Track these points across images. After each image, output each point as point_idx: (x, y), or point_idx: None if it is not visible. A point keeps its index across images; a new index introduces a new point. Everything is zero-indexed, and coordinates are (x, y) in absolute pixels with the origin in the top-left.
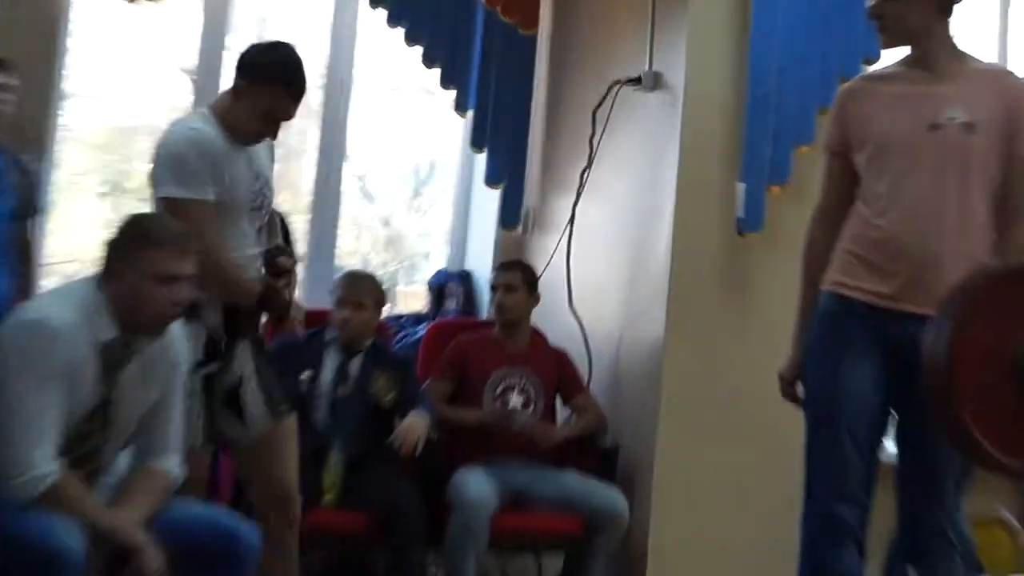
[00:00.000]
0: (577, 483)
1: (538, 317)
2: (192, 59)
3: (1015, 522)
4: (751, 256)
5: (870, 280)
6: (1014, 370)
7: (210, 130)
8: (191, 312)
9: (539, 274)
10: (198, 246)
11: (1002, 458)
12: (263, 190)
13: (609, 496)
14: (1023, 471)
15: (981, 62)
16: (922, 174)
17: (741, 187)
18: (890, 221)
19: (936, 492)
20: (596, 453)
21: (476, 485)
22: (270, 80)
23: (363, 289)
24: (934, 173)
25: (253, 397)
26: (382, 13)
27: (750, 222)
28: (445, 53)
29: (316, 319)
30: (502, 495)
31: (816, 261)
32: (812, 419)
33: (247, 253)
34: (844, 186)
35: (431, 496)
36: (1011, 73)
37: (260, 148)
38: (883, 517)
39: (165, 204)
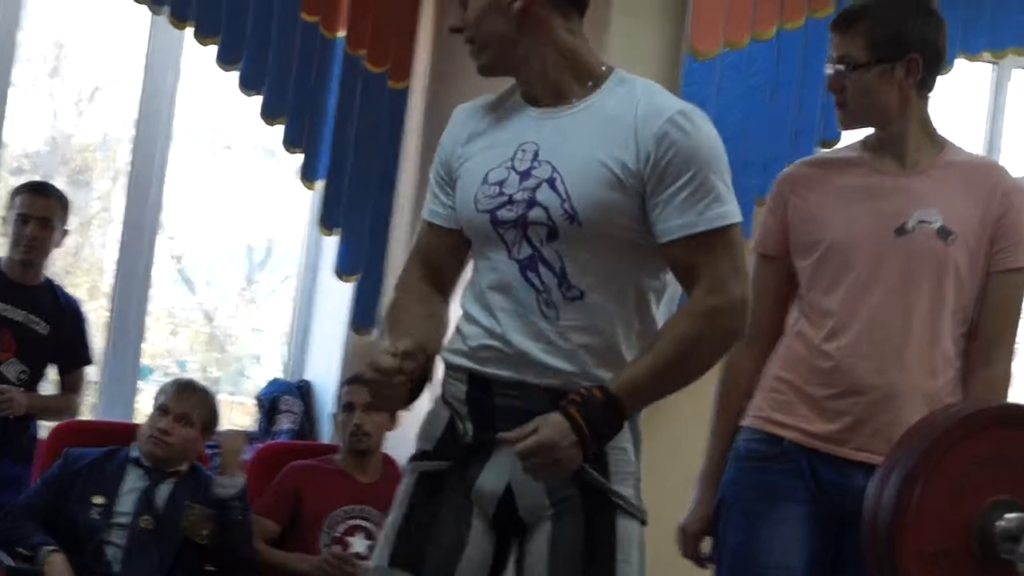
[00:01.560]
0: None
1: (391, 443)
2: None
3: None
4: None
5: (809, 417)
6: (973, 538)
7: None
8: None
9: None
10: None
11: None
12: None
13: None
14: None
15: (964, 152)
16: (885, 290)
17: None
18: (841, 347)
19: None
20: None
21: None
22: None
23: (195, 402)
24: (900, 289)
25: None
26: (212, 50)
27: None
28: (292, 106)
29: (114, 433)
30: None
31: (737, 389)
32: None
33: None
34: (779, 298)
35: None
36: (1000, 168)
37: None
38: None
39: None
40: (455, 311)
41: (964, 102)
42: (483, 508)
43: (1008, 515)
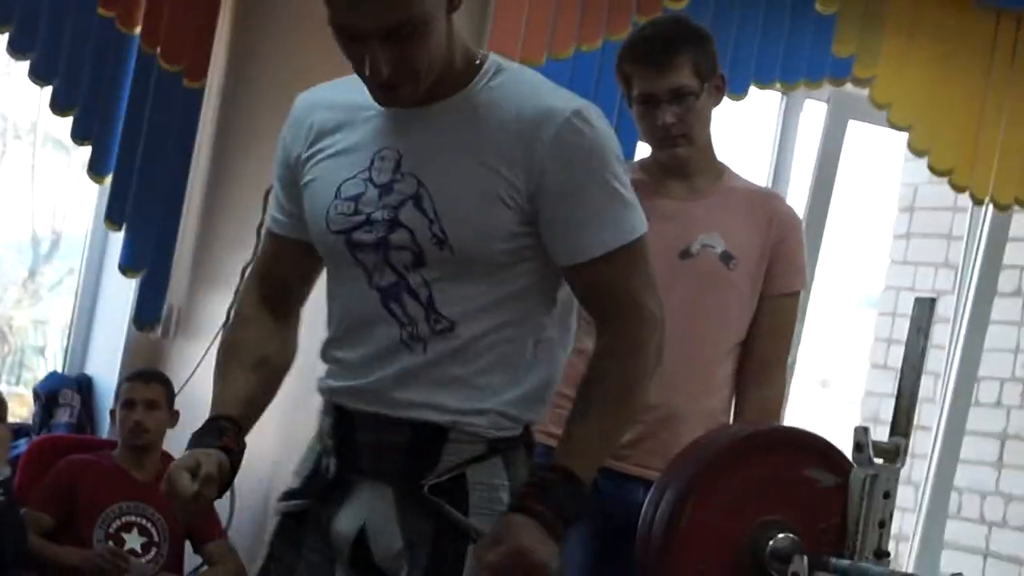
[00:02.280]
0: None
1: (171, 442)
2: None
3: None
4: None
5: None
6: (744, 556)
7: None
8: None
9: (178, 389)
10: None
11: None
12: None
13: None
14: None
15: (742, 179)
16: (670, 312)
17: None
18: None
19: None
20: None
21: None
22: None
23: None
24: (685, 311)
25: None
26: (3, 39)
27: None
28: (83, 99)
29: None
30: None
31: None
32: None
33: None
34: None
35: None
36: (777, 196)
37: None
38: None
39: None
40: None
41: (753, 131)
42: (340, 551)
43: (779, 535)
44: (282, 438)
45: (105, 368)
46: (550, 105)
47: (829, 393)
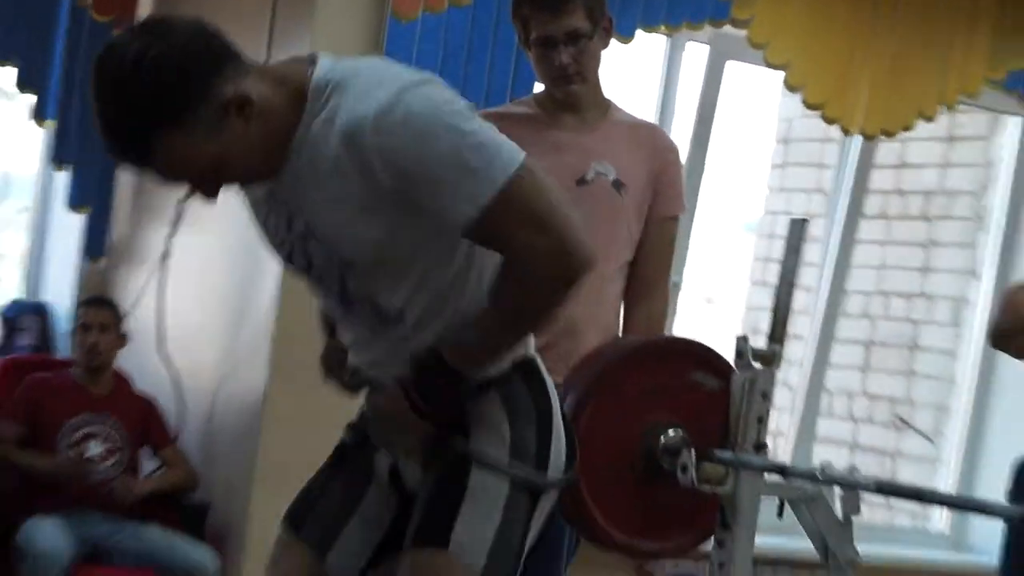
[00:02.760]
0: (160, 538)
1: (125, 360)
2: None
3: None
4: None
5: None
6: (638, 451)
7: None
8: None
9: (126, 313)
10: None
11: (620, 537)
12: None
13: (196, 554)
14: (639, 549)
15: (626, 113)
16: None
17: None
18: None
19: (543, 568)
20: (183, 509)
21: (48, 535)
22: None
23: None
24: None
25: None
26: None
27: None
28: (22, 50)
29: None
30: (78, 547)
31: None
32: None
33: None
34: None
35: None
36: (658, 128)
37: None
38: None
39: None
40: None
41: (640, 72)
42: (380, 482)
43: (669, 432)
44: (225, 353)
45: (60, 295)
46: (359, 116)
47: (714, 309)
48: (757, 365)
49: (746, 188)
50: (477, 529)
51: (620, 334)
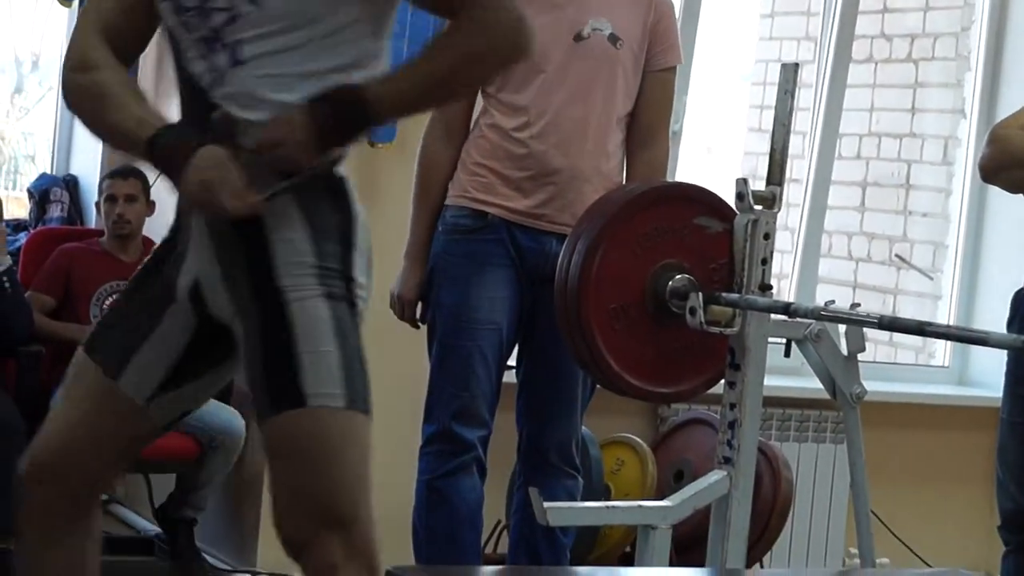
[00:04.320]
0: None
1: (151, 227)
2: None
3: (644, 445)
4: (382, 168)
5: (509, 196)
6: (647, 296)
7: None
8: None
9: (152, 181)
10: None
11: (633, 381)
12: None
13: (224, 415)
14: (654, 395)
15: None
16: (569, 88)
17: None
18: (534, 136)
19: (561, 412)
20: None
21: None
22: None
23: None
24: (581, 87)
25: None
26: None
27: (383, 132)
28: None
29: None
30: None
31: (437, 176)
32: (440, 342)
33: None
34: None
35: (30, 412)
36: None
37: None
38: (508, 437)
39: None
40: None
41: None
42: (181, 304)
43: (676, 276)
44: None
45: (88, 167)
46: None
47: (713, 158)
48: (758, 207)
49: (739, 39)
50: (322, 369)
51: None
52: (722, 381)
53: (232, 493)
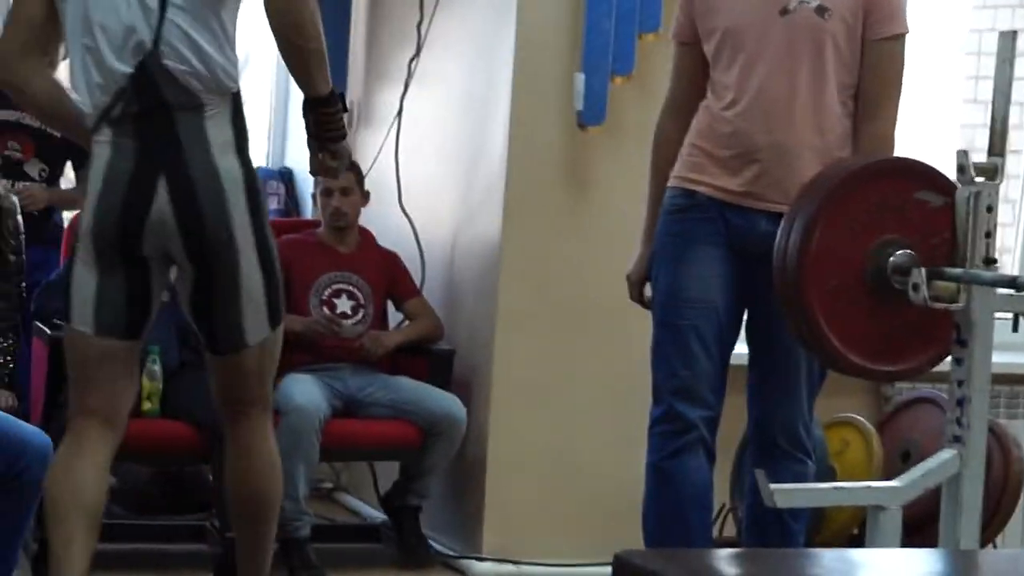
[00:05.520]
0: (411, 389)
1: (366, 217)
2: None
3: (868, 425)
4: (593, 151)
5: (717, 175)
6: (868, 272)
7: None
8: None
9: (365, 172)
10: None
11: (856, 360)
12: None
13: (445, 402)
14: (878, 373)
15: None
16: (770, 64)
17: (581, 78)
18: (738, 114)
19: (787, 395)
20: (430, 359)
21: (305, 391)
22: None
23: None
24: (784, 61)
25: None
26: None
27: (591, 115)
28: None
29: None
30: (332, 402)
31: (665, 155)
32: (657, 321)
33: None
34: (694, 78)
35: None
36: None
37: None
38: (733, 422)
39: None
40: None
41: None
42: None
43: (897, 252)
44: (460, 202)
45: (302, 159)
46: None
47: (928, 131)
48: (979, 179)
49: (952, 8)
50: (258, 316)
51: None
52: (947, 359)
53: (455, 480)
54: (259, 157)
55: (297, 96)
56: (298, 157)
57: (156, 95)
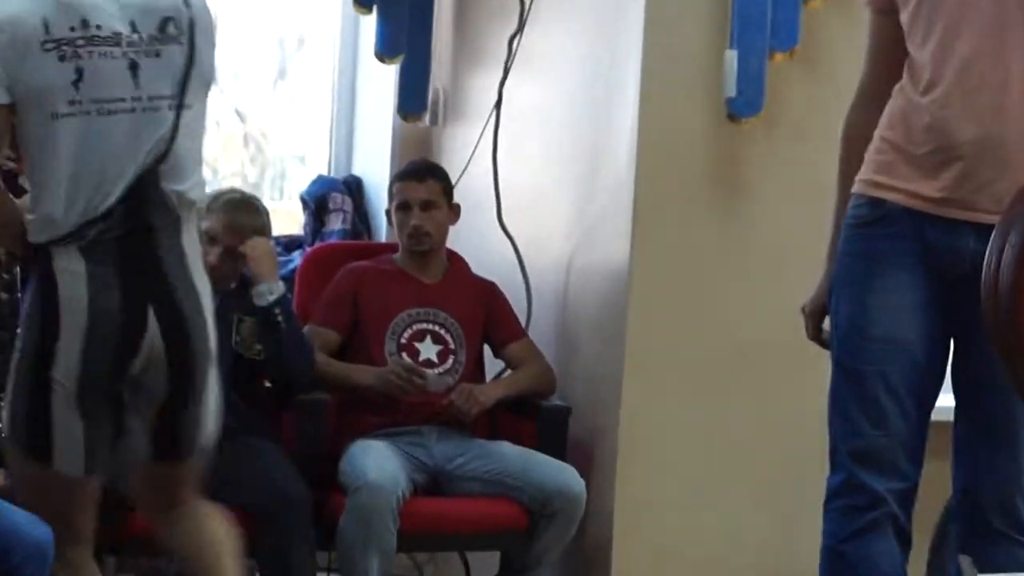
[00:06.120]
0: (516, 458)
1: (455, 237)
2: None
3: None
4: (747, 148)
5: (911, 177)
6: None
7: None
8: None
9: (455, 180)
10: None
11: None
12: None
13: (559, 474)
14: None
15: None
16: (976, 36)
17: (732, 55)
18: (935, 100)
19: (1003, 458)
20: (539, 418)
21: (379, 462)
22: None
23: (243, 220)
24: (993, 34)
25: None
26: None
27: (746, 102)
28: None
29: None
30: (414, 475)
31: (859, 153)
32: (836, 365)
33: None
34: (893, 55)
35: (314, 479)
36: None
37: None
38: (933, 493)
39: None
40: None
41: None
42: None
43: None
44: (576, 220)
45: (374, 166)
46: None
47: None
48: None
49: None
50: (213, 424)
51: None
52: None
53: (572, 571)
54: (320, 164)
55: (368, 85)
56: (368, 164)
57: (144, 219)
